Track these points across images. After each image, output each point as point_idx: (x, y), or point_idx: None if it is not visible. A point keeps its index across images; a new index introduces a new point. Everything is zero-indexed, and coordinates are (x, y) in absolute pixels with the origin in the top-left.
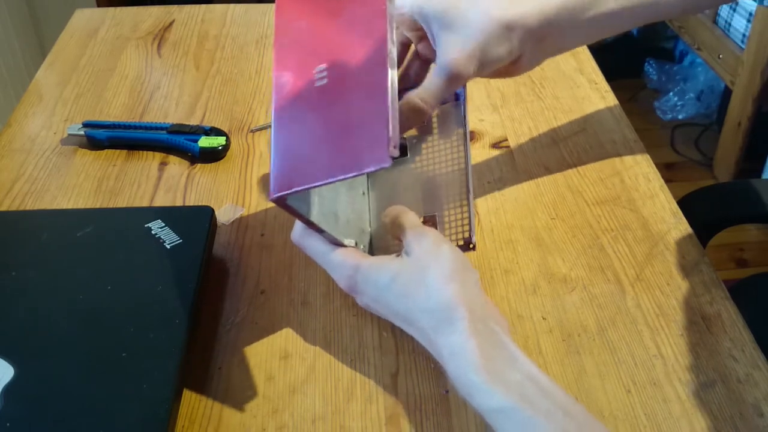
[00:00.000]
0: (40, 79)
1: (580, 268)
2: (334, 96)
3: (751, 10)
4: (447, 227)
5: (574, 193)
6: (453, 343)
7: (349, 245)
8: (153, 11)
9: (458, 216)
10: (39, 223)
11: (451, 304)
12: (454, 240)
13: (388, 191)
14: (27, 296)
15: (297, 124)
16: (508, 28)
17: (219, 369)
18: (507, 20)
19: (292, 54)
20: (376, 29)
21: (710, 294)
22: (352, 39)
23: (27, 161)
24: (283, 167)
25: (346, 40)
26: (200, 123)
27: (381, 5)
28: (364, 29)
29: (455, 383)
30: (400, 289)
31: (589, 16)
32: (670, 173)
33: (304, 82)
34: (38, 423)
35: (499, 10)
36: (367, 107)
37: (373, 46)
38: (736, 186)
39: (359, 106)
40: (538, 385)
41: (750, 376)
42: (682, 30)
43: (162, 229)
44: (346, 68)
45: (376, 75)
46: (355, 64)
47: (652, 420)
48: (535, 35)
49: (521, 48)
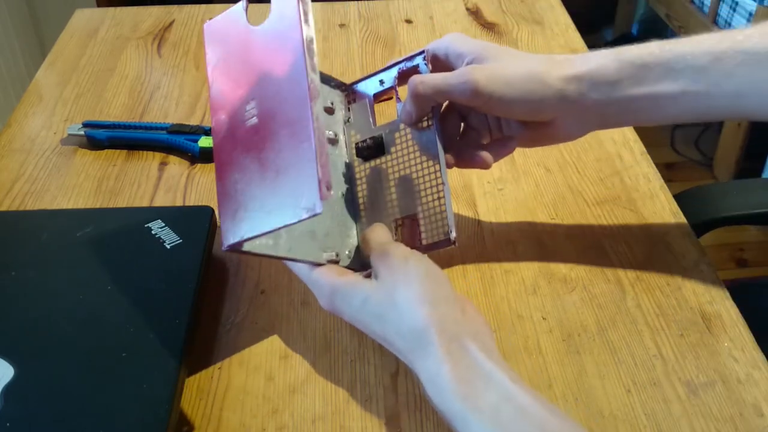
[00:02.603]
0: (40, 79)
1: (580, 268)
2: (265, 135)
3: (751, 10)
4: (426, 224)
5: (574, 193)
6: (428, 368)
7: (328, 260)
8: (153, 11)
9: (436, 210)
10: (39, 223)
11: (422, 327)
12: (435, 236)
13: (369, 190)
14: (27, 296)
15: (235, 168)
16: (541, 80)
17: (219, 369)
18: (542, 71)
19: (224, 91)
20: (293, 57)
21: (710, 294)
22: (274, 69)
23: (27, 161)
24: (229, 215)
25: (269, 71)
26: (200, 123)
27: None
28: (282, 58)
29: (435, 407)
30: (374, 311)
31: (634, 94)
32: (670, 173)
33: (237, 121)
34: (38, 423)
35: (537, 62)
36: (294, 147)
37: (293, 77)
38: (724, 187)
39: (288, 146)
40: (514, 403)
41: (750, 376)
42: (683, 30)
43: (162, 229)
44: (272, 103)
45: (298, 110)
46: (279, 98)
47: (652, 420)
48: (568, 99)
49: (555, 109)
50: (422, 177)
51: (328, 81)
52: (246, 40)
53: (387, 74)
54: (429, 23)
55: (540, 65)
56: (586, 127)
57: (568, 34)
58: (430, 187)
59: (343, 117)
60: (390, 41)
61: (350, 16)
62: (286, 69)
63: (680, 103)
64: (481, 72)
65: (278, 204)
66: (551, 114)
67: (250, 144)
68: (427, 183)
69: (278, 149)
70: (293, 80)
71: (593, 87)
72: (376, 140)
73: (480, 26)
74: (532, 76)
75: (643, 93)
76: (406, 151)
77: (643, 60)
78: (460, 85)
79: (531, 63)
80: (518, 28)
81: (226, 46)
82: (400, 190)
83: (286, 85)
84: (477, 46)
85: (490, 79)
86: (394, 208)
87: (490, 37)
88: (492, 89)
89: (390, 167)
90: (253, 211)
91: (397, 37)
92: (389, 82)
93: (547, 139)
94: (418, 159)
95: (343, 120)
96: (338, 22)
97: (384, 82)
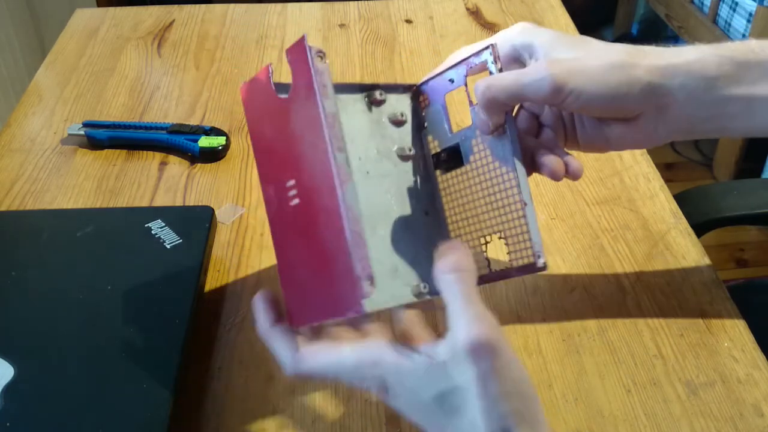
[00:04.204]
0: (40, 79)
1: (580, 268)
2: (307, 220)
3: (751, 10)
4: (511, 244)
5: (573, 193)
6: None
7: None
8: (153, 11)
9: (520, 230)
10: (39, 223)
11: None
12: (522, 259)
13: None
14: (27, 296)
15: (289, 246)
16: (627, 71)
17: (219, 369)
18: (628, 61)
19: (267, 162)
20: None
21: (710, 294)
22: (303, 147)
23: (27, 161)
24: (290, 290)
25: (300, 149)
26: (200, 123)
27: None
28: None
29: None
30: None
31: (730, 94)
32: (670, 173)
33: (282, 199)
34: (38, 423)
35: (620, 51)
36: (332, 238)
37: (320, 159)
38: (724, 187)
39: (327, 236)
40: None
41: (750, 376)
42: (682, 30)
43: (162, 229)
44: (308, 185)
45: (329, 197)
46: (313, 180)
47: (652, 420)
48: (657, 93)
49: (641, 103)
50: (502, 191)
51: (393, 89)
52: (276, 110)
53: (455, 72)
54: (429, 23)
55: (624, 55)
56: (672, 129)
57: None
58: (511, 203)
59: (418, 124)
60: (390, 41)
61: (350, 16)
62: (313, 149)
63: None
64: (559, 66)
65: (330, 294)
66: (636, 109)
67: (296, 226)
68: (508, 199)
69: (319, 237)
70: (321, 161)
71: (686, 81)
72: (452, 151)
73: (480, 26)
74: (617, 67)
75: (740, 94)
76: (485, 161)
77: (746, 57)
78: (535, 83)
79: (613, 52)
80: None
81: (261, 114)
82: (482, 204)
83: (316, 166)
84: (549, 36)
85: (570, 74)
86: (481, 222)
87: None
88: (573, 85)
89: (471, 178)
90: (311, 295)
91: (397, 37)
92: (459, 80)
93: (626, 141)
94: (497, 171)
95: (416, 127)
96: (338, 22)
97: (454, 81)
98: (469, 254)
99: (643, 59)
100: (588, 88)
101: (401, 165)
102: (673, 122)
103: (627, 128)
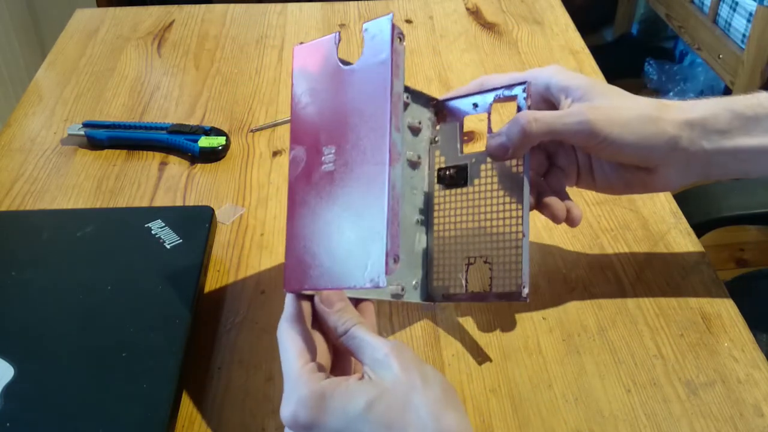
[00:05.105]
0: (40, 79)
1: (580, 268)
2: (339, 187)
3: (751, 10)
4: (498, 270)
5: (573, 193)
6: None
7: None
8: (153, 11)
9: (511, 259)
10: (39, 223)
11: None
12: (505, 286)
13: (445, 219)
14: (27, 296)
15: (307, 210)
16: (656, 124)
17: (219, 369)
18: (655, 115)
19: (306, 124)
20: (379, 113)
21: (710, 294)
22: (357, 119)
23: (27, 161)
24: (294, 256)
25: (353, 119)
26: (200, 123)
27: (383, 84)
28: (367, 109)
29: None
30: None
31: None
32: None
33: (314, 162)
34: (38, 423)
35: (648, 104)
36: (367, 209)
37: (375, 134)
38: (724, 187)
39: (361, 206)
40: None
41: (750, 376)
42: (682, 30)
43: (162, 229)
44: (350, 155)
45: (375, 172)
46: (358, 152)
47: (652, 420)
48: (680, 146)
49: (665, 155)
50: (502, 219)
51: (418, 98)
52: (334, 78)
53: (482, 98)
54: (429, 23)
55: (652, 108)
56: (688, 176)
57: (568, 34)
58: (509, 232)
59: (430, 136)
60: None
61: (350, 16)
62: (369, 123)
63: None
64: (597, 112)
65: (344, 263)
66: (660, 160)
67: (324, 191)
68: (507, 227)
69: (351, 206)
70: (375, 137)
71: (705, 135)
72: (460, 170)
73: (480, 26)
74: (648, 119)
75: (753, 145)
76: (490, 187)
77: (754, 111)
78: (576, 125)
79: (643, 104)
80: (518, 28)
81: (313, 78)
82: (476, 227)
83: (367, 140)
84: (585, 82)
85: (608, 121)
86: (468, 244)
87: (490, 37)
88: (608, 131)
89: (470, 200)
90: (318, 261)
91: None
92: (483, 107)
93: (642, 186)
94: (501, 199)
95: (429, 140)
96: (338, 22)
97: (477, 106)
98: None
99: (668, 113)
100: (621, 137)
101: (407, 171)
102: (691, 170)
103: (647, 175)
